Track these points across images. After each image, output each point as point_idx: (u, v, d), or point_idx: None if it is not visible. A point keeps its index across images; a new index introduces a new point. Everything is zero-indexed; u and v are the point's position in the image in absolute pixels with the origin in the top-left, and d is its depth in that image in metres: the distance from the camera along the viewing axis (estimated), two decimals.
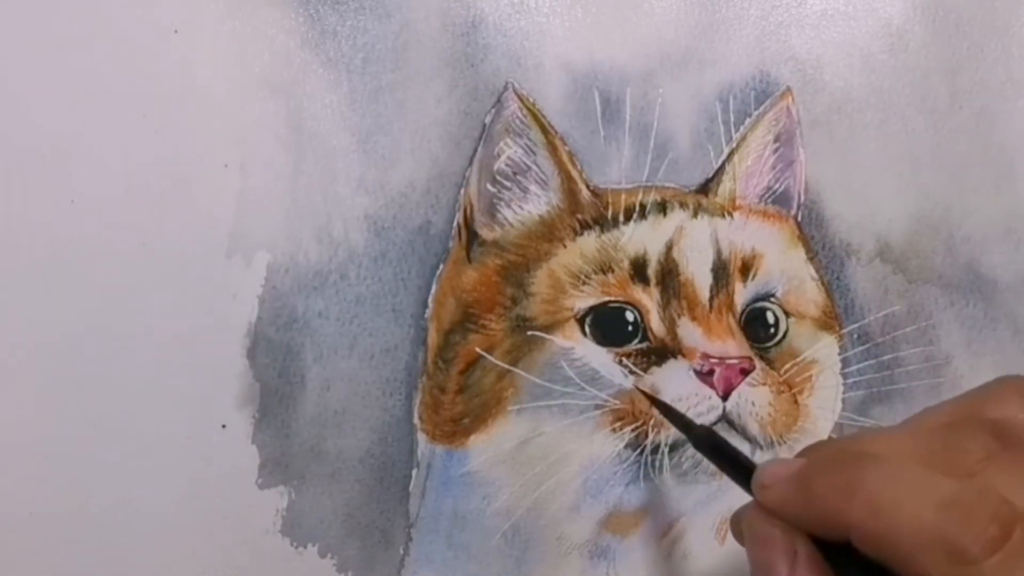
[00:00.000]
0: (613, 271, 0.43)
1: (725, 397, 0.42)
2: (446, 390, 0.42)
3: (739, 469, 0.36)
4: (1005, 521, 0.27)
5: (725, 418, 0.43)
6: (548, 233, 0.43)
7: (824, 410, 0.46)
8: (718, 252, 0.44)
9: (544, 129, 0.43)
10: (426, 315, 0.41)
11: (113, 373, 0.38)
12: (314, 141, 0.40)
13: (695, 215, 0.44)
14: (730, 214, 0.45)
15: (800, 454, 0.33)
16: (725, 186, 0.45)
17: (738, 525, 0.34)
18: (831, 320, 0.47)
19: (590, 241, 0.43)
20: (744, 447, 0.43)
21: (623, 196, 0.44)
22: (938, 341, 0.49)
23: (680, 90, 0.45)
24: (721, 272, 0.44)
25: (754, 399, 0.43)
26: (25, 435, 0.38)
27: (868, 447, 0.31)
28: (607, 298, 0.43)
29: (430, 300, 0.41)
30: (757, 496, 0.32)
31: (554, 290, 0.43)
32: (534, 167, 0.43)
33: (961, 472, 0.28)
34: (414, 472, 0.42)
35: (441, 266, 0.42)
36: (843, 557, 0.29)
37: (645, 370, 0.43)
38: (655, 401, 0.42)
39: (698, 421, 0.42)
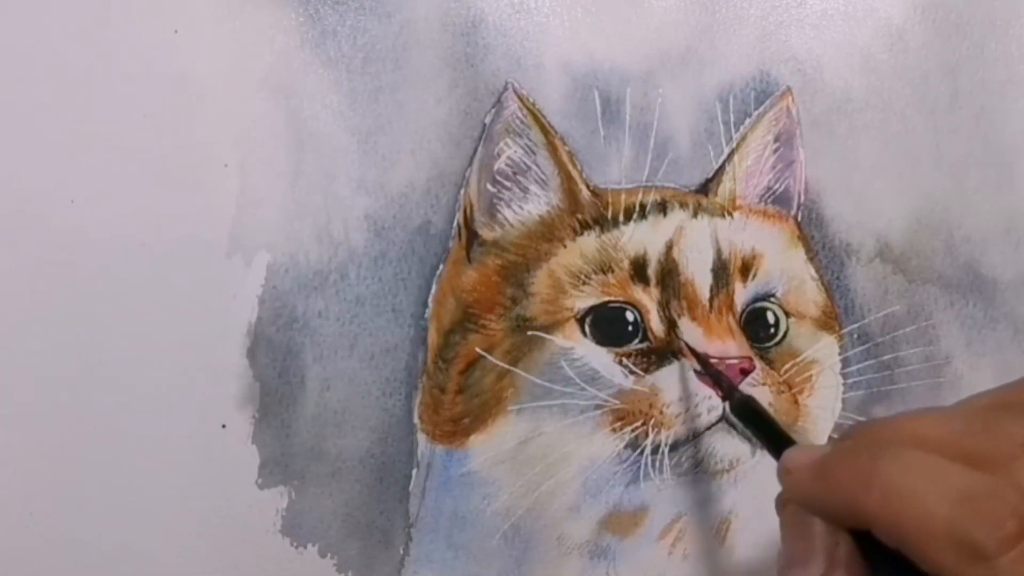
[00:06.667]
0: (613, 271, 0.43)
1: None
2: (446, 390, 0.42)
3: (775, 441, 0.36)
4: (1023, 517, 0.26)
5: (725, 418, 0.43)
6: (548, 233, 0.43)
7: (824, 410, 0.46)
8: (718, 252, 0.44)
9: (544, 129, 0.43)
10: (426, 315, 0.41)
11: (113, 373, 0.38)
12: (314, 141, 0.40)
13: (695, 215, 0.44)
14: (730, 214, 0.45)
15: (838, 439, 0.33)
16: (725, 186, 0.45)
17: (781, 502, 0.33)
18: (831, 320, 0.47)
19: (590, 241, 0.43)
20: (745, 447, 0.43)
21: (623, 196, 0.44)
22: (938, 341, 0.49)
23: (680, 90, 0.45)
24: (721, 272, 0.44)
25: None
26: (25, 435, 0.38)
27: (899, 430, 0.30)
28: (607, 298, 0.43)
29: (430, 300, 0.41)
30: (780, 481, 0.32)
31: (554, 290, 0.43)
32: (534, 167, 0.43)
33: (999, 455, 0.28)
34: (414, 472, 0.42)
35: (441, 266, 0.42)
36: (869, 545, 0.29)
37: (645, 370, 0.43)
38: (700, 359, 0.42)
39: (698, 421, 0.42)
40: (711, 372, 0.42)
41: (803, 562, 0.30)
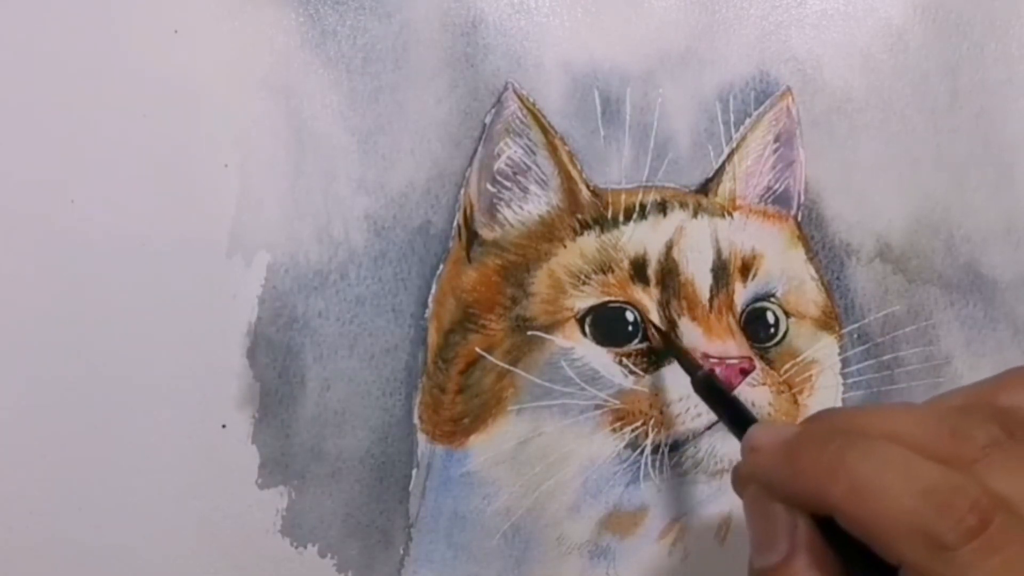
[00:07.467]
0: (613, 271, 0.43)
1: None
2: (446, 390, 0.42)
3: (738, 419, 0.36)
4: (984, 511, 0.27)
5: None
6: (548, 233, 0.43)
7: None
8: (718, 252, 0.44)
9: (544, 129, 0.43)
10: (426, 315, 0.41)
11: (113, 373, 0.38)
12: (314, 141, 0.40)
13: (695, 215, 0.44)
14: (730, 214, 0.45)
15: (804, 422, 0.33)
16: (725, 186, 0.45)
17: (738, 477, 0.33)
18: (831, 320, 0.47)
19: (590, 241, 0.43)
20: None
21: (623, 196, 0.44)
22: (938, 341, 0.49)
23: (680, 90, 0.45)
24: (721, 272, 0.44)
25: (754, 399, 0.43)
26: (25, 435, 0.38)
27: (868, 422, 0.30)
28: (607, 298, 0.43)
29: (430, 300, 0.41)
30: (744, 458, 0.32)
31: (554, 290, 0.43)
32: (534, 167, 0.43)
33: (962, 457, 0.28)
34: (414, 472, 0.42)
35: (441, 266, 0.42)
36: (832, 531, 0.29)
37: (645, 370, 0.43)
38: (665, 338, 0.42)
39: (698, 421, 0.42)
40: (673, 348, 0.42)
41: (767, 545, 0.30)
